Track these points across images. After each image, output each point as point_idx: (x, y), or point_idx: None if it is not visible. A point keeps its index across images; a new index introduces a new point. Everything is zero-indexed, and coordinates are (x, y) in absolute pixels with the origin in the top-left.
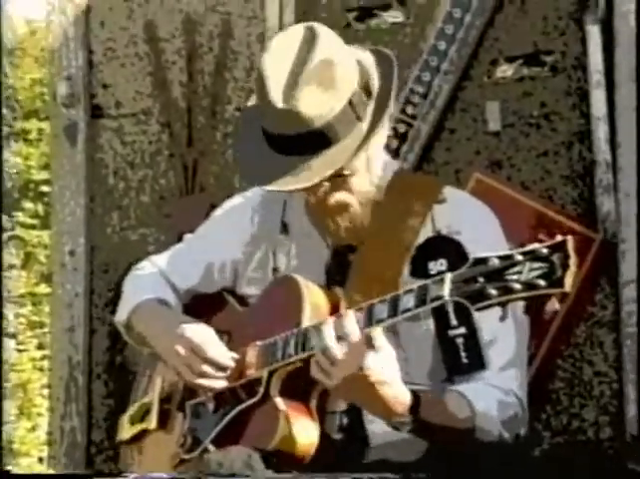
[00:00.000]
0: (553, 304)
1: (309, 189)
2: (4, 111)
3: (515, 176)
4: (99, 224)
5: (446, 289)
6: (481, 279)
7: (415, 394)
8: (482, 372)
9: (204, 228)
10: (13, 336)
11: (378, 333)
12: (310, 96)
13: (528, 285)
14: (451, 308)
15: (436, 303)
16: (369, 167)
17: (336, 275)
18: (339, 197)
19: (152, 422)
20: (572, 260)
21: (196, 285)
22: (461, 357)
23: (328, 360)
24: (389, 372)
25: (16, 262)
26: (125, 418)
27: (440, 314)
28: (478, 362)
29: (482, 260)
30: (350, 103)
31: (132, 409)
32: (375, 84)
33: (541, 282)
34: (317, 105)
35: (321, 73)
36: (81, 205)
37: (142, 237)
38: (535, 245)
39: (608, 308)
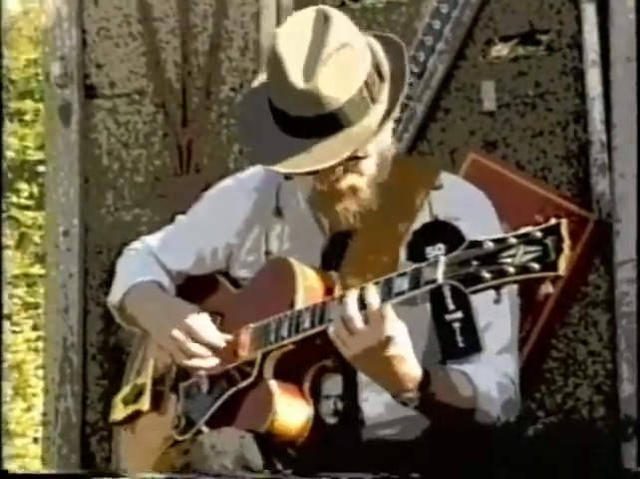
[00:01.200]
0: (547, 287)
1: (323, 172)
2: None
3: (511, 155)
4: (93, 204)
5: (439, 273)
6: (475, 263)
7: (425, 371)
8: (479, 355)
9: (197, 209)
10: (8, 317)
11: (389, 310)
12: (330, 77)
13: (522, 269)
14: (447, 293)
15: (429, 286)
16: (379, 149)
17: (332, 260)
18: (351, 180)
19: (145, 404)
20: (566, 244)
21: (189, 268)
22: (457, 342)
23: (348, 331)
24: (404, 347)
25: (10, 243)
26: (118, 399)
27: (437, 298)
28: (473, 346)
29: (477, 244)
30: (366, 84)
31: (125, 390)
32: (385, 67)
33: (535, 266)
34: (337, 85)
35: (338, 54)
36: (75, 185)
37: (136, 217)
38: (529, 229)
39: (602, 288)
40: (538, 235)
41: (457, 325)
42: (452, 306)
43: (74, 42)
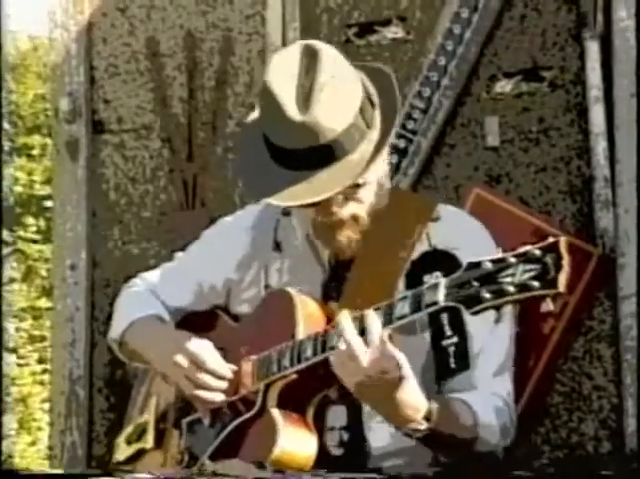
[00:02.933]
0: (548, 306)
1: (323, 202)
2: (7, 126)
3: (514, 190)
4: (100, 238)
5: (440, 295)
6: (475, 284)
7: (429, 401)
8: (471, 376)
9: (195, 247)
10: (14, 351)
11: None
12: (325, 107)
13: (522, 287)
14: (445, 320)
15: (430, 309)
16: (377, 177)
17: (331, 292)
18: (352, 208)
19: (148, 441)
20: (566, 261)
21: (187, 304)
22: (449, 363)
23: (348, 357)
24: (407, 376)
25: (17, 277)
26: (120, 439)
27: (435, 326)
28: (463, 364)
29: (476, 265)
30: (360, 111)
31: (127, 430)
32: (375, 95)
33: (535, 284)
34: (333, 115)
35: (331, 85)
36: (82, 219)
37: (143, 251)
38: (528, 248)
39: (607, 323)
40: (537, 253)
41: (451, 349)
42: (449, 333)
43: (82, 78)
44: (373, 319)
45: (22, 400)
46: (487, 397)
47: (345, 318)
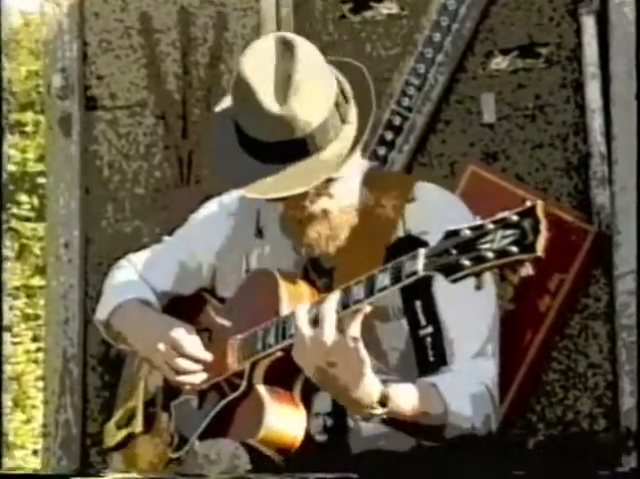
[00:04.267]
0: (527, 269)
1: (293, 197)
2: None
3: (510, 168)
4: (93, 216)
5: (420, 264)
6: (454, 251)
7: (384, 387)
8: (453, 365)
9: (182, 231)
10: (7, 329)
11: (355, 323)
12: (303, 101)
13: (501, 253)
14: (419, 308)
15: (411, 279)
16: (350, 170)
17: (313, 277)
18: (322, 203)
19: (138, 426)
20: (543, 224)
21: (173, 287)
22: (428, 356)
23: (301, 343)
24: (359, 364)
25: (10, 255)
26: (110, 425)
27: (410, 314)
28: (441, 359)
29: (454, 233)
30: (336, 105)
31: (116, 415)
32: (348, 90)
33: (514, 249)
34: (310, 109)
35: (307, 78)
36: (75, 197)
37: (136, 229)
38: (505, 213)
39: (602, 300)
40: (515, 218)
41: (429, 340)
42: (423, 321)
43: (75, 54)
44: (328, 305)
45: (16, 378)
46: (465, 383)
47: (302, 306)
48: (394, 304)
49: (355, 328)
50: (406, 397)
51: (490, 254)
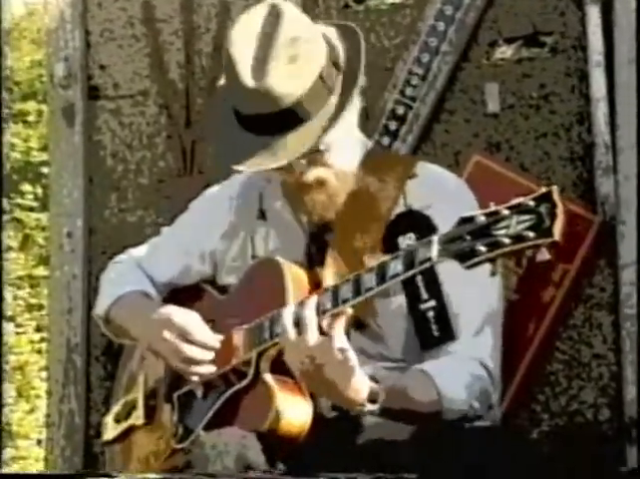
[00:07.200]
0: (544, 255)
1: (286, 167)
2: (2, 93)
3: (514, 157)
4: (97, 205)
5: (434, 251)
6: (469, 237)
7: (374, 384)
8: (453, 343)
9: (182, 219)
10: (11, 319)
11: (338, 326)
12: (280, 73)
13: (517, 238)
14: (421, 283)
15: (425, 266)
16: (344, 142)
17: (315, 256)
18: (316, 172)
19: (139, 418)
20: (559, 209)
21: (174, 278)
22: (432, 330)
23: (287, 346)
24: (345, 364)
25: (14, 245)
26: (109, 418)
27: (410, 289)
28: (447, 334)
29: (469, 219)
30: (321, 78)
31: (115, 409)
32: (342, 57)
33: (530, 234)
34: (287, 82)
35: (288, 49)
36: (79, 186)
37: (140, 218)
38: (521, 199)
39: (607, 290)
40: (531, 203)
41: (431, 314)
42: (425, 296)
43: (77, 43)
44: (309, 306)
45: (20, 368)
46: (462, 364)
47: (288, 308)
48: None
49: (340, 331)
50: (397, 390)
51: (507, 240)
